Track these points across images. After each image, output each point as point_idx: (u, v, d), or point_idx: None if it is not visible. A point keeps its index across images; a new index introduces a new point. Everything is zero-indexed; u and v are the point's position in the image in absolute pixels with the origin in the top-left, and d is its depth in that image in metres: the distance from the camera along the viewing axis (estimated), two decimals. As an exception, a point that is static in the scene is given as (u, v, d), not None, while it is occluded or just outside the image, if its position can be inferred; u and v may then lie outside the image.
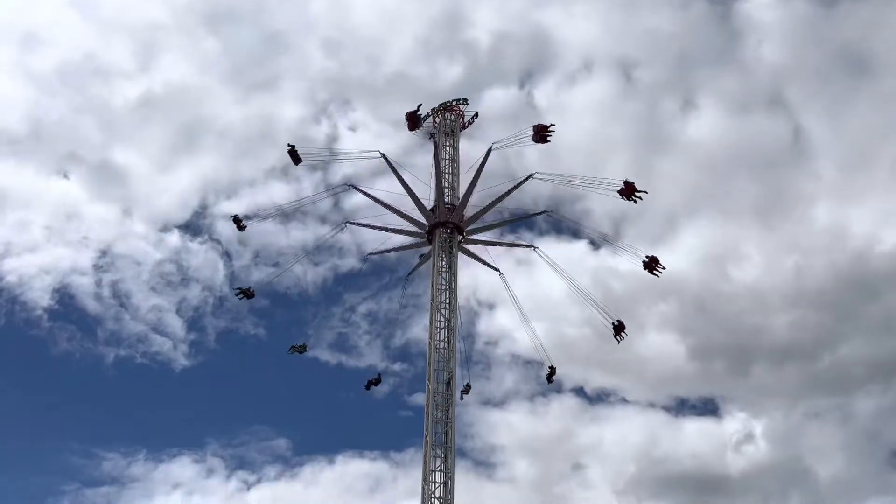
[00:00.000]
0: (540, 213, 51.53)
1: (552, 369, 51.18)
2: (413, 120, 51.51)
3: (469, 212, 50.38)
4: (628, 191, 47.60)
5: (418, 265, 52.34)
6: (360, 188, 51.37)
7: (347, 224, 52.09)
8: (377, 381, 52.86)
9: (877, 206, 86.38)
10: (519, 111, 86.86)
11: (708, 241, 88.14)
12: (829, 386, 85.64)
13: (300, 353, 52.69)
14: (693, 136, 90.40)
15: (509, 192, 50.00)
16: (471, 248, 51.14)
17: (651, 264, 48.93)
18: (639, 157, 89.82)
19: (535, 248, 51.09)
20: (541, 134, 49.19)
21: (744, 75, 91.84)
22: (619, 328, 49.08)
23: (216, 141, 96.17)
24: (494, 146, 49.79)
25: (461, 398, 49.98)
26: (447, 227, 49.76)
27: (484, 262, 51.73)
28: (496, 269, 51.77)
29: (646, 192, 47.43)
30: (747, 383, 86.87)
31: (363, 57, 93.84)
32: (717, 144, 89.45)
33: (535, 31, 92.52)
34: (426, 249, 51.07)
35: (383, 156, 50.40)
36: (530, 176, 49.91)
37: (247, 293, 52.39)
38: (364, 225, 51.60)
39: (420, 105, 51.48)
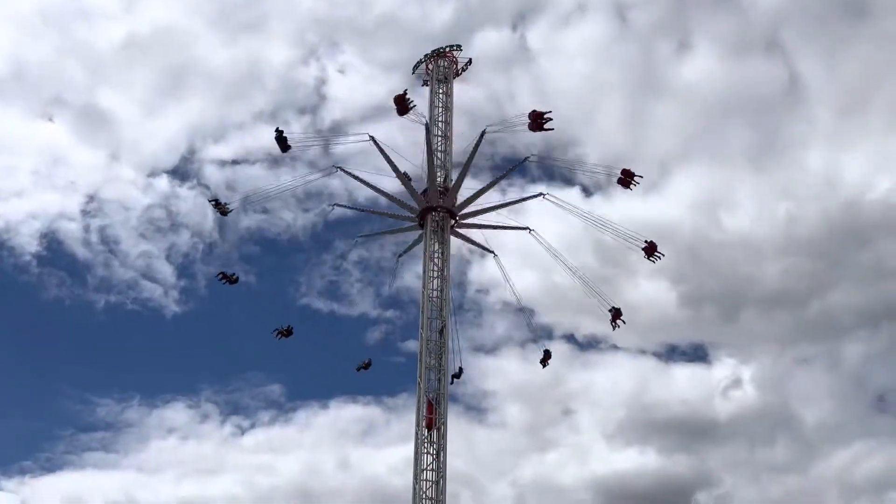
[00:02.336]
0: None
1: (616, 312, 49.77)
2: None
3: (463, 195, 49.32)
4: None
5: (383, 233, 51.88)
6: (378, 143, 49.14)
7: (338, 170, 50.38)
8: (288, 332, 50.74)
9: (869, 151, 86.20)
10: (511, 54, 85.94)
11: (701, 187, 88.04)
12: (818, 332, 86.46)
13: (231, 283, 50.94)
14: (687, 79, 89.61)
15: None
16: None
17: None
18: (632, 101, 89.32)
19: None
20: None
21: (740, 17, 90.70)
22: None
23: (203, 84, 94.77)
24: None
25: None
26: (439, 211, 48.87)
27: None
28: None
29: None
30: (737, 330, 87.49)
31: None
32: (711, 88, 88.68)
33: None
34: (407, 225, 50.31)
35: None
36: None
37: (222, 209, 50.48)
38: (356, 177, 50.00)
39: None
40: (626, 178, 48.64)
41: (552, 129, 47.74)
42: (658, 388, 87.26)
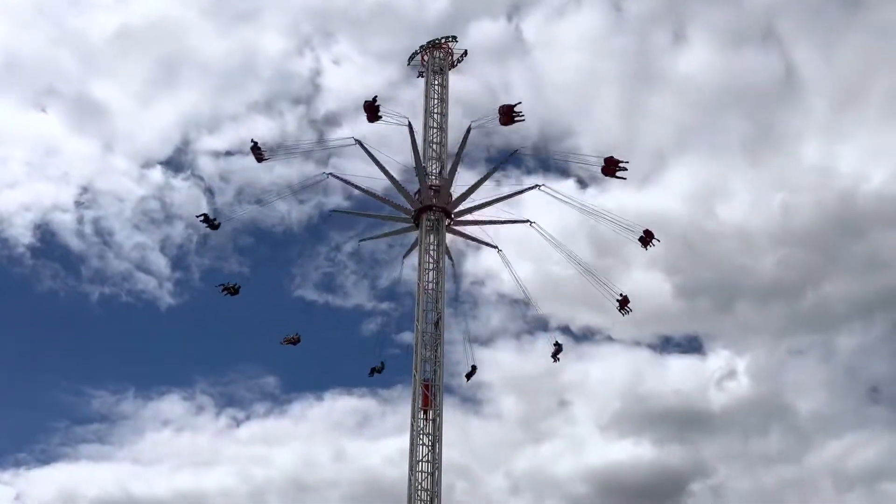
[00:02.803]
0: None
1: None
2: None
3: (457, 189, 48.83)
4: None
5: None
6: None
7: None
8: (234, 290, 49.80)
9: (865, 142, 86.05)
10: (506, 45, 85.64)
11: (696, 178, 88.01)
12: (812, 323, 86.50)
13: (213, 228, 49.86)
14: (683, 70, 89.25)
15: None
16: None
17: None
18: (627, 92, 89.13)
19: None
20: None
21: (736, 8, 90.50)
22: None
23: (197, 75, 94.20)
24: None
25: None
26: (434, 211, 48.31)
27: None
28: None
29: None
30: (732, 321, 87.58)
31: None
32: (707, 80, 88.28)
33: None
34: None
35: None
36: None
37: (259, 156, 49.91)
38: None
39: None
40: (647, 238, 47.60)
41: (625, 178, 47.22)
42: (653, 379, 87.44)
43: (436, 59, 51.84)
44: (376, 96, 48.38)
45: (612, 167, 46.86)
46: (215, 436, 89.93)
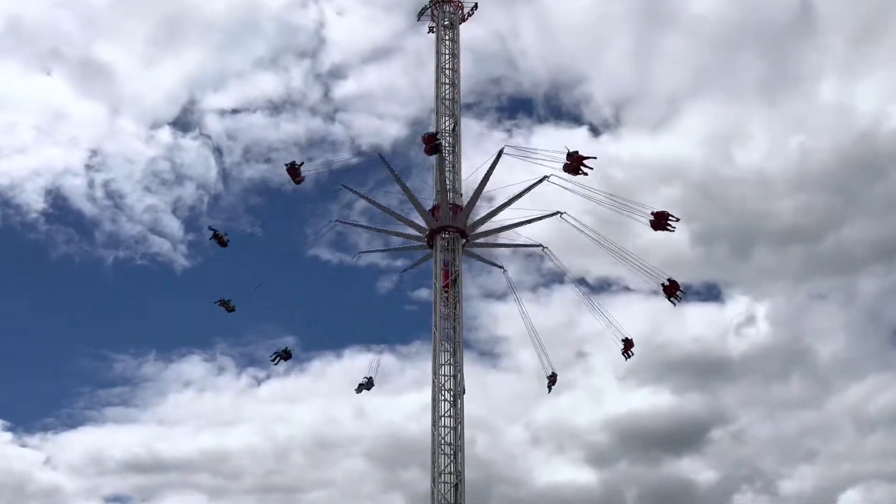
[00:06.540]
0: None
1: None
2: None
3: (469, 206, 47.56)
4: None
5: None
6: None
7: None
8: (229, 308, 50.23)
9: (884, 80, 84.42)
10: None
11: (711, 122, 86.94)
12: (833, 267, 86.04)
13: (222, 245, 50.11)
14: (696, 10, 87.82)
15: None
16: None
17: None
18: (639, 35, 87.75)
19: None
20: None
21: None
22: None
23: (200, 32, 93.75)
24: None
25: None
26: (449, 231, 47.34)
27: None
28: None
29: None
30: (750, 267, 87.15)
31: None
32: (720, 18, 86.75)
33: None
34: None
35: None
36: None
37: (296, 178, 48.86)
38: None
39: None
40: (672, 288, 46.89)
41: (672, 229, 45.48)
42: (671, 328, 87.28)
43: (446, 13, 51.04)
44: (439, 134, 46.85)
45: (662, 221, 45.45)
46: (237, 395, 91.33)
